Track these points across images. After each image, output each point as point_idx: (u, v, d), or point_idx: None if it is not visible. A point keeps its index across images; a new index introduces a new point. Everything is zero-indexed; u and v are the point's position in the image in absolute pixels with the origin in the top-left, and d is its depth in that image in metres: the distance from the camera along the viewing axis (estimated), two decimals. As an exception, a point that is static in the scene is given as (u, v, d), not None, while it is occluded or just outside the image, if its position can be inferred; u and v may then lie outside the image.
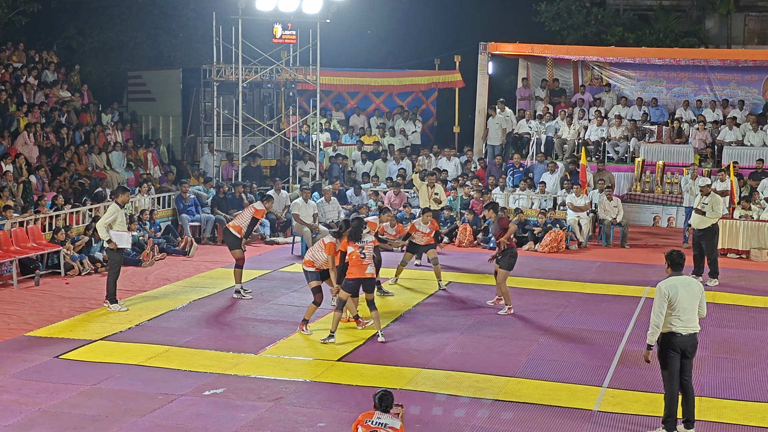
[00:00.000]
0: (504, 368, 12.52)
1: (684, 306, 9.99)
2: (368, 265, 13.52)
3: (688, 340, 10.07)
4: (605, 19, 35.60)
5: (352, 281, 13.56)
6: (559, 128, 27.57)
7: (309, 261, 14.30)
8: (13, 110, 23.34)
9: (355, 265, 13.47)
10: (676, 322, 9.99)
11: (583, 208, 22.70)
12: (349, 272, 13.54)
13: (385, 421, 8.45)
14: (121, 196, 15.91)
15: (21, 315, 15.13)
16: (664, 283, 10.13)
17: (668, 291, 10.02)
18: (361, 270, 13.48)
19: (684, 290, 10.05)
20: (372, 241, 13.79)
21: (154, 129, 28.28)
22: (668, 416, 10.14)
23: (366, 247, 13.52)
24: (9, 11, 26.38)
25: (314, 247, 14.47)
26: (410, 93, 31.50)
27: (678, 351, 10.05)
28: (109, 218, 15.48)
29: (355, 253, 13.47)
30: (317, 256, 14.19)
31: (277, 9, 24.89)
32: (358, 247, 13.50)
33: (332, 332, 13.62)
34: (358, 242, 13.53)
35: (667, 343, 10.06)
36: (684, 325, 10.00)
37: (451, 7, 38.54)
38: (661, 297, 10.02)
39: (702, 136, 26.53)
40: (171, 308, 15.63)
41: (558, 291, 17.45)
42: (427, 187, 20.60)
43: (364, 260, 13.46)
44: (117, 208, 15.57)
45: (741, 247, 21.32)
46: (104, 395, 11.28)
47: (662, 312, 9.99)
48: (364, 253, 13.47)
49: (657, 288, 10.14)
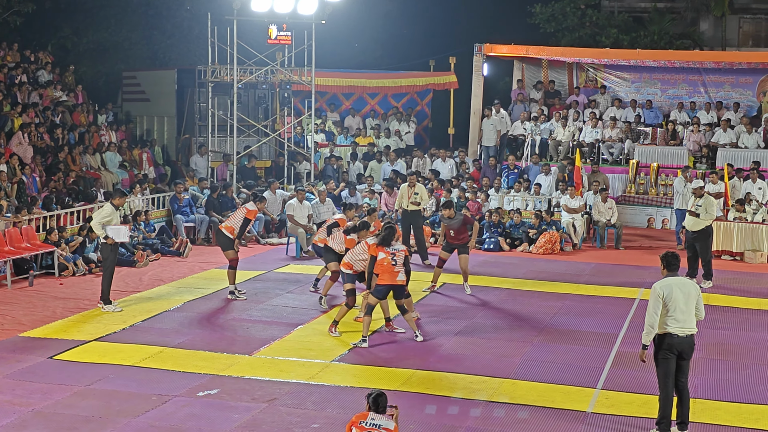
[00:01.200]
0: (498, 369, 12.53)
1: (680, 307, 10.00)
2: (399, 272, 13.54)
3: (685, 341, 10.08)
4: (600, 21, 35.66)
5: (382, 287, 13.56)
6: (554, 130, 27.60)
7: (348, 263, 14.33)
8: (7, 110, 23.30)
9: (387, 271, 13.48)
10: (672, 323, 10.00)
11: (578, 209, 22.72)
12: (381, 278, 13.55)
13: (379, 422, 8.45)
14: (117, 198, 15.84)
15: (15, 315, 15.10)
16: (659, 283, 10.16)
17: (663, 291, 10.04)
18: (393, 277, 13.51)
19: (679, 291, 10.07)
20: (403, 250, 13.75)
21: (149, 129, 28.25)
22: (662, 417, 10.15)
23: (397, 255, 13.52)
24: (3, 11, 26.35)
25: (356, 249, 14.44)
26: (405, 94, 31.49)
27: (674, 352, 10.06)
28: (104, 218, 15.45)
29: (386, 259, 13.47)
30: (359, 257, 14.21)
31: (273, 10, 24.85)
32: (389, 253, 13.49)
33: (364, 336, 13.58)
34: (389, 248, 13.52)
35: (663, 344, 10.07)
36: (680, 326, 10.01)
37: (446, 8, 38.57)
38: (656, 297, 10.04)
39: (696, 138, 26.58)
40: (165, 309, 15.62)
41: (552, 293, 17.45)
42: (408, 187, 20.30)
43: (395, 267, 13.48)
44: (112, 210, 15.52)
45: (735, 249, 21.35)
46: (98, 396, 11.27)
47: (657, 312, 10.00)
48: (395, 260, 13.48)
49: (652, 288, 10.17)
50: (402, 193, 20.28)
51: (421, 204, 20.31)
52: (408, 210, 19.94)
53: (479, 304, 16.36)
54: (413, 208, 19.99)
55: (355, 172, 27.11)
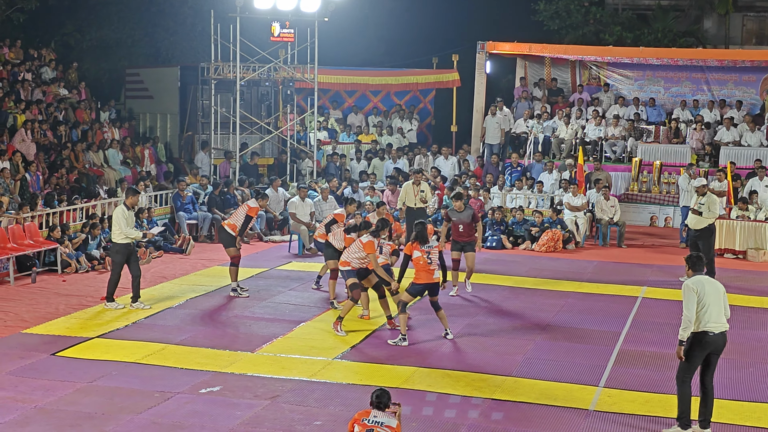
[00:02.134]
0: (500, 367, 12.53)
1: (713, 301, 10.03)
2: (435, 270, 13.55)
3: (720, 338, 10.11)
4: (604, 19, 35.63)
5: (419, 286, 13.54)
6: (557, 128, 27.58)
7: (345, 261, 14.34)
8: (10, 107, 23.32)
9: (423, 270, 13.47)
10: (707, 320, 10.01)
11: (581, 207, 22.71)
12: (417, 277, 13.52)
13: (381, 419, 8.45)
14: (130, 198, 15.57)
15: (17, 312, 15.12)
16: (691, 280, 10.17)
17: (696, 287, 10.06)
18: (429, 275, 13.49)
19: (710, 288, 10.11)
20: (437, 246, 13.75)
21: (152, 126, 28.27)
22: (682, 413, 10.17)
23: (432, 252, 13.51)
24: (7, 8, 26.37)
25: (351, 247, 14.46)
26: (408, 92, 31.50)
27: (706, 350, 10.08)
28: (122, 223, 15.16)
29: (422, 257, 13.45)
30: (355, 255, 14.21)
31: (276, 7, 24.87)
32: (424, 252, 13.47)
33: (403, 335, 13.56)
34: (425, 246, 13.50)
35: (698, 341, 10.07)
36: (715, 323, 10.02)
37: (449, 5, 38.54)
38: (690, 293, 10.04)
39: (699, 136, 26.55)
40: (168, 306, 15.63)
41: (555, 290, 17.45)
42: (413, 185, 20.27)
43: (431, 265, 13.48)
44: (123, 210, 15.24)
45: (738, 248, 21.34)
46: (100, 393, 11.28)
47: (693, 307, 9.99)
48: (430, 258, 13.48)
49: (684, 285, 10.18)
50: (406, 190, 20.20)
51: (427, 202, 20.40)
52: (414, 208, 19.87)
53: (481, 301, 16.36)
54: (419, 206, 20.00)
55: (358, 169, 27.11)
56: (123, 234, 15.20)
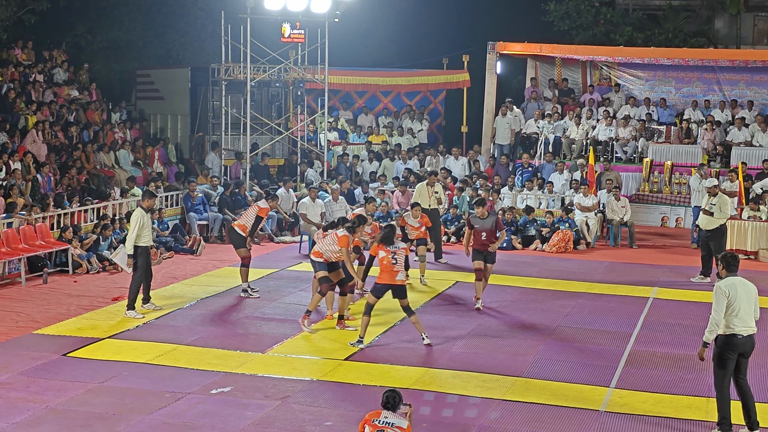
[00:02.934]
0: (511, 368, 12.51)
1: (743, 306, 10.00)
2: (399, 272, 13.34)
3: (748, 341, 10.09)
4: (614, 19, 35.59)
5: (381, 285, 13.42)
6: (568, 128, 27.54)
7: (318, 252, 14.38)
8: (22, 108, 23.39)
9: (386, 270, 13.30)
10: (736, 323, 9.98)
11: (591, 208, 22.67)
12: (380, 277, 13.42)
13: (392, 420, 8.44)
14: (147, 200, 15.34)
15: (29, 313, 15.16)
16: (723, 282, 10.11)
17: (728, 290, 10.01)
18: (392, 276, 13.30)
19: (742, 290, 10.06)
20: (404, 248, 13.63)
21: (163, 127, 28.32)
22: (722, 418, 10.15)
23: (398, 253, 13.36)
24: (18, 9, 26.42)
25: (326, 239, 14.48)
26: (418, 92, 31.49)
27: (736, 353, 10.05)
28: (135, 227, 14.91)
29: (387, 258, 13.30)
30: (329, 248, 14.25)
31: (286, 8, 24.90)
32: (390, 252, 13.31)
33: (361, 337, 13.54)
34: (390, 247, 13.38)
35: (727, 344, 10.04)
36: (744, 326, 9.99)
37: (459, 6, 38.53)
38: (720, 295, 10.00)
39: (710, 136, 26.48)
40: (178, 307, 15.66)
41: (566, 291, 17.42)
42: (427, 186, 20.25)
43: (395, 266, 13.30)
44: (141, 213, 15.02)
45: (749, 248, 21.27)
46: (111, 393, 11.30)
47: (722, 310, 9.96)
48: (396, 259, 13.30)
49: (716, 287, 10.14)
50: (420, 191, 20.18)
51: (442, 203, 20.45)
52: (429, 209, 19.84)
53: (492, 302, 16.33)
54: (433, 207, 19.99)
55: (368, 170, 27.10)
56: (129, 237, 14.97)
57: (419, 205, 18.00)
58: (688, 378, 12.32)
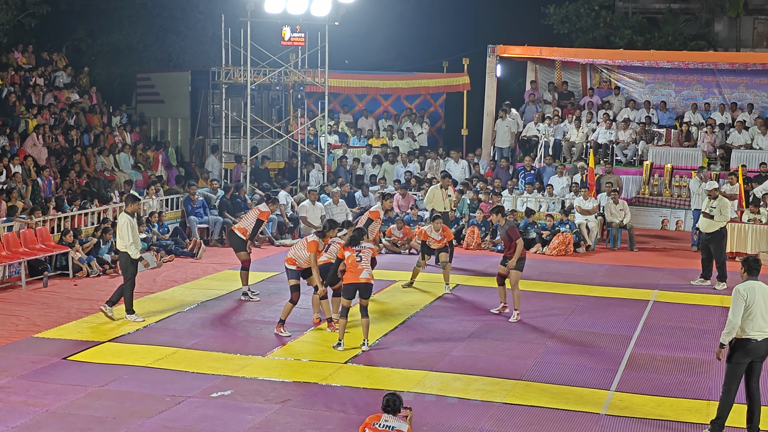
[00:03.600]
0: (512, 371, 12.52)
1: (761, 310, 9.98)
2: (363, 270, 13.24)
3: (763, 345, 10.06)
4: (614, 22, 35.59)
5: (348, 285, 13.36)
6: (567, 131, 27.55)
7: (291, 259, 14.36)
8: (22, 111, 23.40)
9: (351, 270, 13.26)
10: (752, 327, 9.97)
11: (591, 211, 22.67)
12: (345, 277, 13.40)
13: (392, 424, 8.45)
14: (131, 205, 15.22)
15: (29, 316, 15.16)
16: (742, 285, 10.11)
17: (746, 293, 10.00)
18: (356, 275, 13.21)
19: (761, 294, 10.04)
20: (370, 248, 13.57)
21: (163, 131, 28.33)
22: (718, 418, 10.15)
23: (363, 251, 13.30)
24: (18, 13, 26.42)
25: (297, 245, 14.52)
26: (418, 95, 31.51)
27: (750, 357, 10.04)
28: (128, 234, 14.80)
29: (351, 257, 13.25)
30: (299, 254, 14.25)
31: (286, 11, 24.92)
32: (354, 251, 13.28)
33: (340, 339, 13.54)
34: (355, 246, 13.35)
35: (741, 348, 10.03)
36: (759, 331, 9.97)
37: (459, 9, 38.55)
38: (739, 299, 10.00)
39: (710, 139, 26.49)
40: (179, 310, 15.66)
41: (566, 294, 17.42)
42: (441, 189, 20.06)
43: (360, 263, 13.21)
44: (128, 218, 14.90)
45: (749, 251, 21.22)
46: (112, 397, 11.30)
47: (740, 313, 9.95)
48: (360, 256, 13.24)
49: (735, 290, 10.13)
50: (434, 193, 20.05)
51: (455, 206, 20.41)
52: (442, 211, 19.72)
53: (493, 305, 16.31)
54: (447, 209, 19.93)
55: (369, 173, 27.11)
56: (124, 245, 14.82)
57: (440, 218, 17.62)
58: (689, 381, 12.32)
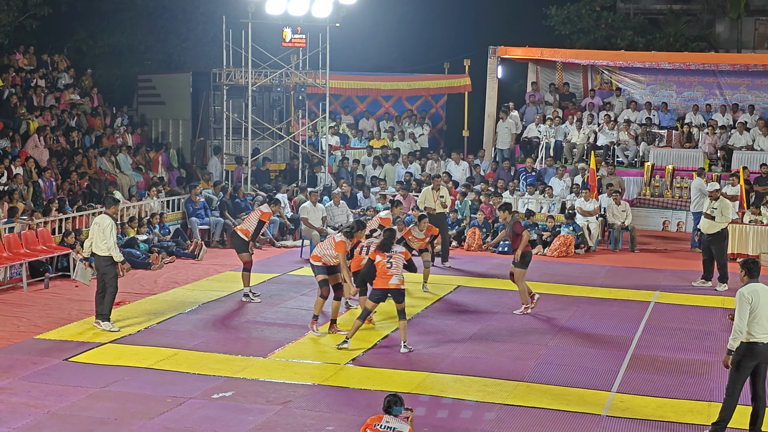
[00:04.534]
0: (512, 372, 12.51)
1: (765, 313, 9.92)
2: (393, 276, 13.25)
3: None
4: (615, 23, 35.59)
5: (377, 291, 13.40)
6: (569, 132, 27.55)
7: (316, 256, 14.38)
8: (23, 113, 23.41)
9: (381, 275, 13.30)
10: (757, 330, 9.91)
11: (593, 212, 22.67)
12: (375, 282, 13.43)
13: (393, 425, 8.45)
14: (112, 207, 14.93)
15: (30, 318, 15.17)
16: (746, 288, 10.03)
17: (751, 296, 9.94)
18: (385, 281, 13.25)
19: (764, 296, 9.99)
20: (403, 253, 13.60)
21: (164, 132, 28.33)
22: (721, 421, 10.12)
23: (394, 257, 13.31)
24: (20, 14, 26.43)
25: (324, 243, 14.50)
26: (419, 97, 31.52)
27: (755, 360, 9.99)
28: (111, 233, 14.42)
29: (381, 262, 13.29)
30: (326, 252, 14.26)
31: (287, 13, 24.93)
32: (385, 256, 13.30)
33: (347, 338, 13.56)
34: (387, 252, 13.35)
35: (747, 351, 9.98)
36: (765, 332, 9.92)
37: (460, 11, 38.55)
38: (744, 302, 9.93)
39: (712, 140, 26.49)
40: (180, 311, 15.65)
41: (567, 295, 17.42)
42: (432, 190, 20.19)
43: (390, 270, 13.23)
44: (111, 221, 14.54)
45: (751, 252, 21.23)
46: (113, 398, 11.30)
47: (746, 317, 9.89)
48: (390, 262, 13.25)
49: (738, 293, 10.07)
50: (426, 195, 20.15)
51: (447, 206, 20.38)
52: (435, 212, 19.78)
53: (493, 306, 16.33)
54: (440, 210, 19.94)
55: (370, 175, 27.12)
56: (108, 247, 14.40)
57: (426, 218, 17.79)
58: (690, 382, 12.31)
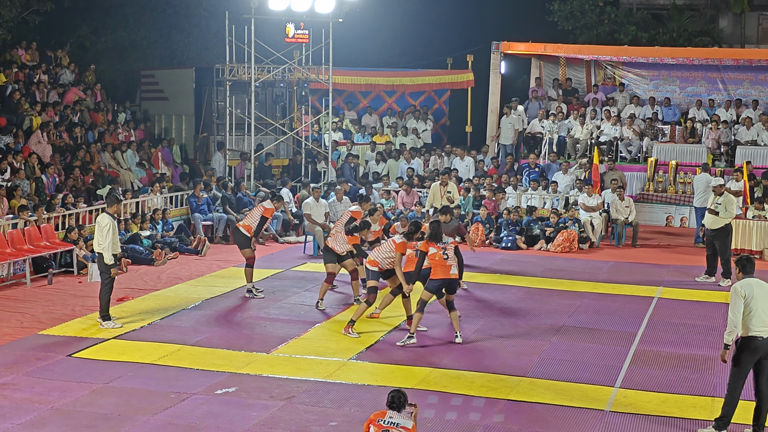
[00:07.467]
0: (516, 368, 12.51)
1: (761, 307, 9.92)
2: (452, 266, 13.38)
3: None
4: (618, 18, 35.52)
5: (437, 281, 13.40)
6: (572, 128, 27.52)
7: (373, 261, 14.21)
8: (26, 109, 23.41)
9: (440, 266, 13.33)
10: (755, 324, 9.90)
11: (596, 208, 22.66)
12: (434, 273, 13.41)
13: (397, 420, 8.44)
14: (114, 206, 14.82)
15: (34, 314, 15.18)
16: (739, 283, 10.07)
17: (744, 290, 9.96)
18: (446, 271, 13.33)
19: (759, 290, 10.00)
20: (453, 242, 13.66)
21: (167, 128, 28.34)
22: (723, 416, 10.12)
23: (447, 248, 13.40)
24: (22, 10, 26.43)
25: (382, 246, 14.35)
26: (423, 92, 31.49)
27: (756, 355, 9.98)
28: (108, 233, 14.27)
29: (438, 254, 13.32)
30: (384, 255, 14.08)
31: (290, 8, 24.92)
32: (440, 248, 13.34)
33: (411, 333, 13.52)
34: (440, 243, 13.40)
35: (746, 346, 9.97)
36: (763, 326, 9.91)
37: (463, 6, 38.51)
38: (737, 297, 9.96)
39: (715, 135, 26.45)
40: (183, 307, 15.66)
41: (570, 291, 17.41)
42: (439, 185, 20.32)
43: (447, 261, 13.34)
44: (111, 220, 14.42)
45: (754, 248, 21.22)
46: (116, 394, 11.31)
47: (739, 311, 9.91)
48: (447, 254, 13.35)
49: (732, 289, 10.10)
50: (433, 192, 20.18)
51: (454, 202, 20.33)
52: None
53: (497, 302, 16.33)
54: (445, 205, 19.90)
55: (373, 170, 27.10)
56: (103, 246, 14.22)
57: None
58: (693, 377, 12.31)
